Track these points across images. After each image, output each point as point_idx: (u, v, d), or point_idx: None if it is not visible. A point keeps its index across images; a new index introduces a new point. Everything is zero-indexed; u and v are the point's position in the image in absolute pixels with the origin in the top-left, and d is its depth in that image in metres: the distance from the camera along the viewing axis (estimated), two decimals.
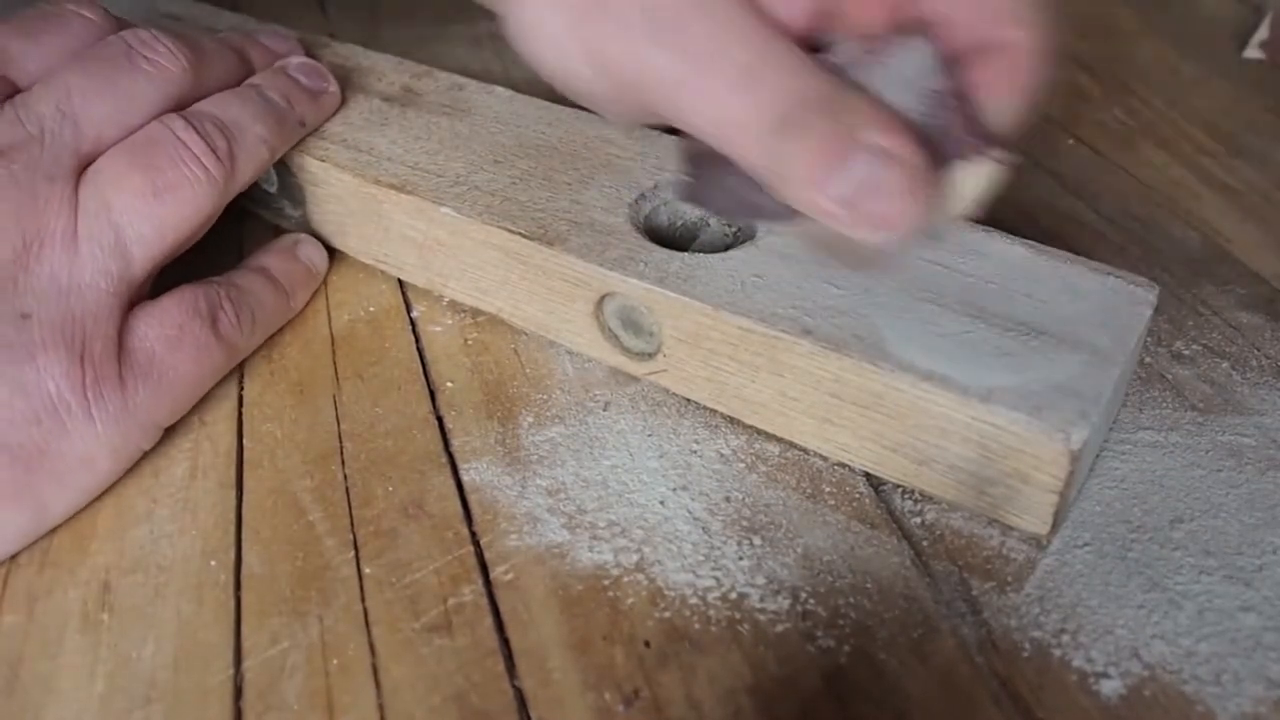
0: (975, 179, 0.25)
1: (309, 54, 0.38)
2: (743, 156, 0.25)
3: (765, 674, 0.23)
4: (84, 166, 0.29)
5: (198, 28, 0.38)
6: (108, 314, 0.28)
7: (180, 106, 0.31)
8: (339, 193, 0.34)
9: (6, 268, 0.27)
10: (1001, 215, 0.31)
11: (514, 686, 0.23)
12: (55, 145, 0.29)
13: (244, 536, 0.27)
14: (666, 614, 0.24)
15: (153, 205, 0.29)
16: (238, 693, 0.23)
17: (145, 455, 0.29)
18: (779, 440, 0.28)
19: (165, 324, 0.29)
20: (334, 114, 0.36)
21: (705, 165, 0.25)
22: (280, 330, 0.33)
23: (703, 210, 0.27)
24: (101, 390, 0.27)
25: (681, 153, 0.26)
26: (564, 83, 0.27)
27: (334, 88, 0.36)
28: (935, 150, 0.23)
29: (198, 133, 0.30)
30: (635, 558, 0.25)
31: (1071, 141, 0.41)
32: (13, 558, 0.27)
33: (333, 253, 0.36)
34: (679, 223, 0.32)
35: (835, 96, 0.24)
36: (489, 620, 0.24)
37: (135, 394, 0.28)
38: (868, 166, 0.23)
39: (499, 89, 0.37)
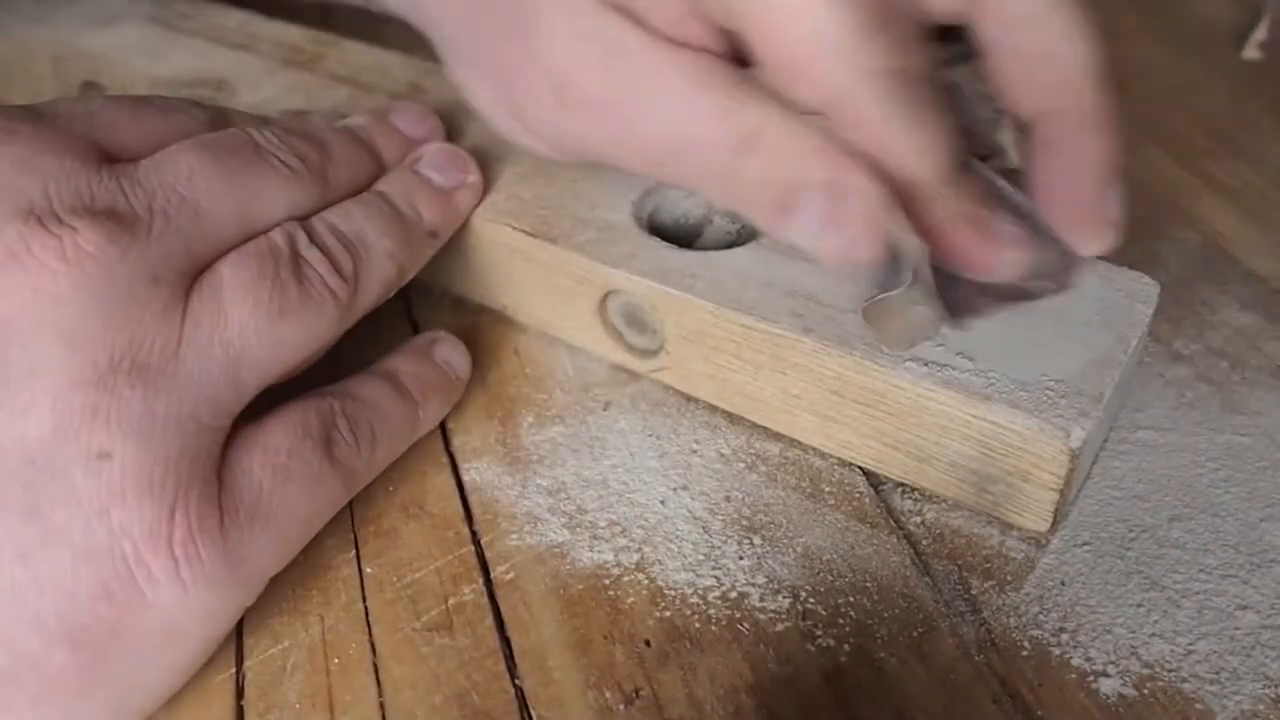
0: None
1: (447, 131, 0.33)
2: (710, 199, 0.25)
3: (765, 673, 0.23)
4: (197, 270, 0.24)
5: (322, 113, 0.34)
6: (208, 452, 0.22)
7: (304, 215, 0.27)
8: None
9: (85, 390, 0.21)
10: None
11: (515, 686, 0.23)
12: (167, 236, 0.23)
13: None
14: (667, 613, 0.24)
15: (276, 325, 0.24)
16: (239, 691, 0.23)
17: None
18: (779, 440, 0.28)
19: (272, 451, 0.24)
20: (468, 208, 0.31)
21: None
22: None
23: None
24: (197, 546, 0.21)
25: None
26: (515, 141, 0.28)
27: (474, 177, 0.31)
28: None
29: (321, 250, 0.26)
30: (635, 557, 0.25)
31: None
32: None
33: None
34: (683, 220, 0.32)
35: (781, 132, 0.23)
36: (489, 619, 0.24)
37: (239, 544, 0.22)
38: (816, 209, 0.22)
39: None
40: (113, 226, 0.22)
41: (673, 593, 0.25)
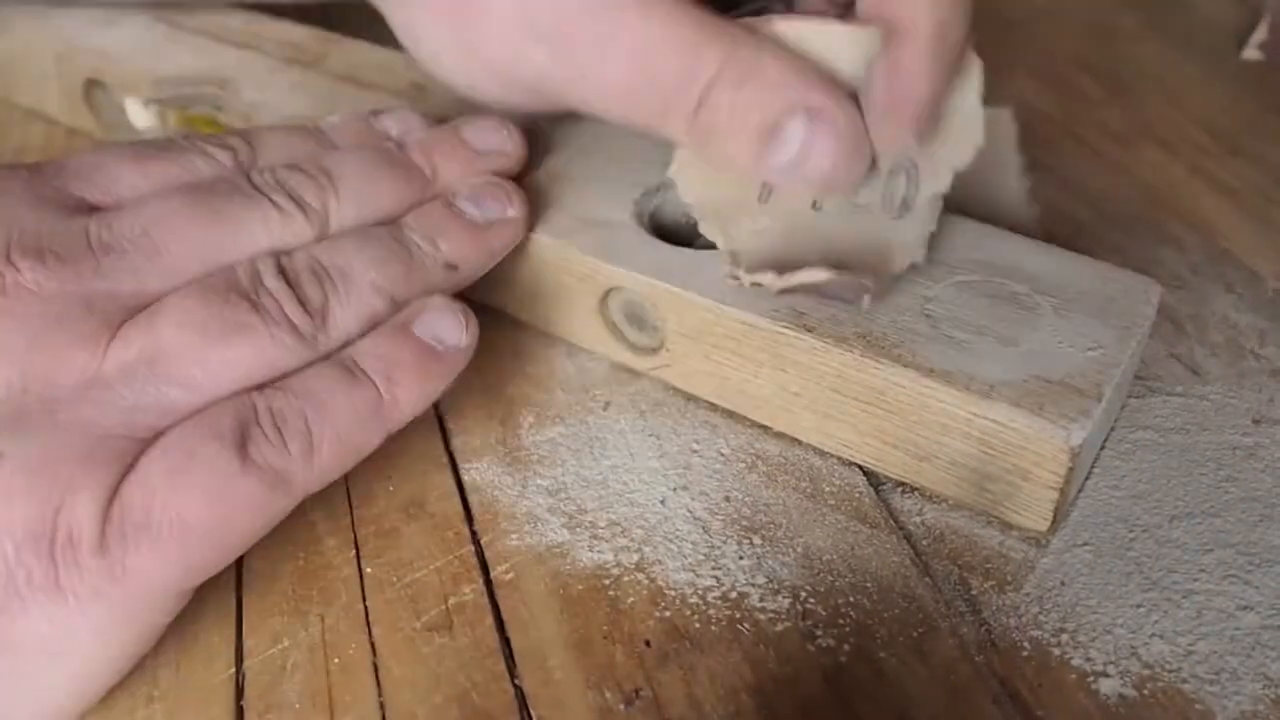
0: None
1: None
2: (674, 138, 0.27)
3: (766, 673, 0.23)
4: (143, 307, 0.23)
5: (395, 117, 0.31)
6: (111, 458, 0.21)
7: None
8: None
9: None
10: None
11: (514, 685, 0.23)
12: (116, 270, 0.23)
13: None
14: (667, 613, 0.24)
15: (213, 347, 0.23)
16: (239, 691, 0.23)
17: None
18: (779, 440, 0.28)
19: (171, 454, 0.22)
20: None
21: None
22: None
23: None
24: (76, 553, 0.20)
25: None
26: (468, 93, 0.28)
27: (515, 211, 0.29)
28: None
29: (288, 281, 0.24)
30: (635, 557, 0.25)
31: (1071, 141, 0.41)
32: None
33: None
34: (684, 219, 0.32)
35: (753, 63, 0.25)
36: (490, 619, 0.24)
37: (122, 554, 0.21)
38: (801, 132, 0.25)
39: None
40: (56, 264, 0.23)
41: (673, 593, 0.25)
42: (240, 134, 0.29)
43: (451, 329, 0.26)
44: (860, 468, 0.28)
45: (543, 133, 0.34)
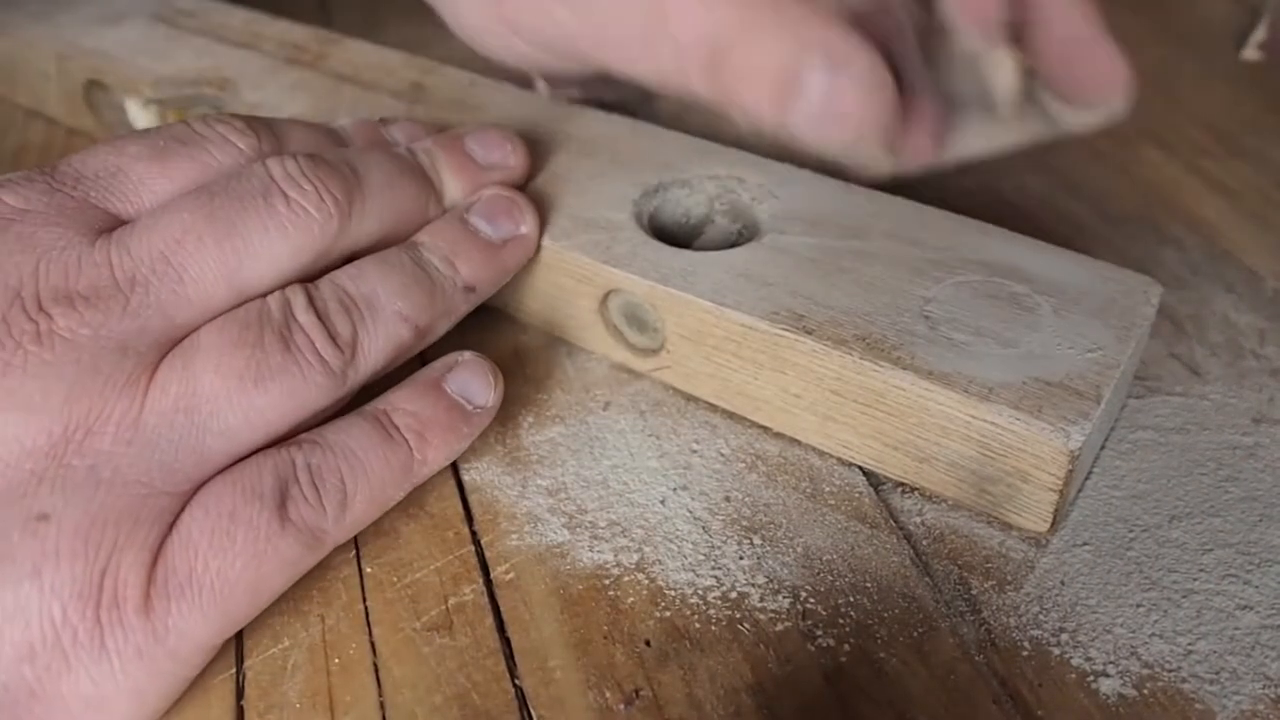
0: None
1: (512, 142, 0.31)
2: (692, 95, 0.27)
3: (766, 673, 0.23)
4: (179, 336, 0.23)
5: (374, 126, 0.31)
6: (154, 516, 0.22)
7: (319, 263, 0.26)
8: None
9: (36, 458, 0.21)
10: (1002, 215, 0.31)
11: (515, 685, 0.23)
12: (144, 307, 0.23)
13: None
14: (667, 613, 0.24)
15: (251, 393, 0.23)
16: (239, 691, 0.23)
17: None
18: (779, 440, 0.28)
19: (214, 514, 0.22)
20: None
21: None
22: None
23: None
24: (121, 613, 0.21)
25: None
26: (504, 57, 0.31)
27: (527, 227, 0.29)
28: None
29: (318, 314, 0.24)
30: (635, 557, 0.25)
31: (1071, 141, 0.41)
32: None
33: None
34: (683, 220, 0.32)
35: (771, 12, 0.25)
36: (490, 619, 0.24)
37: (165, 614, 0.21)
38: (822, 81, 0.24)
39: (508, 86, 0.37)
40: (85, 308, 0.22)
41: (673, 593, 0.25)
42: (266, 122, 0.28)
43: (481, 389, 0.26)
44: (860, 468, 0.28)
45: (544, 139, 0.34)
